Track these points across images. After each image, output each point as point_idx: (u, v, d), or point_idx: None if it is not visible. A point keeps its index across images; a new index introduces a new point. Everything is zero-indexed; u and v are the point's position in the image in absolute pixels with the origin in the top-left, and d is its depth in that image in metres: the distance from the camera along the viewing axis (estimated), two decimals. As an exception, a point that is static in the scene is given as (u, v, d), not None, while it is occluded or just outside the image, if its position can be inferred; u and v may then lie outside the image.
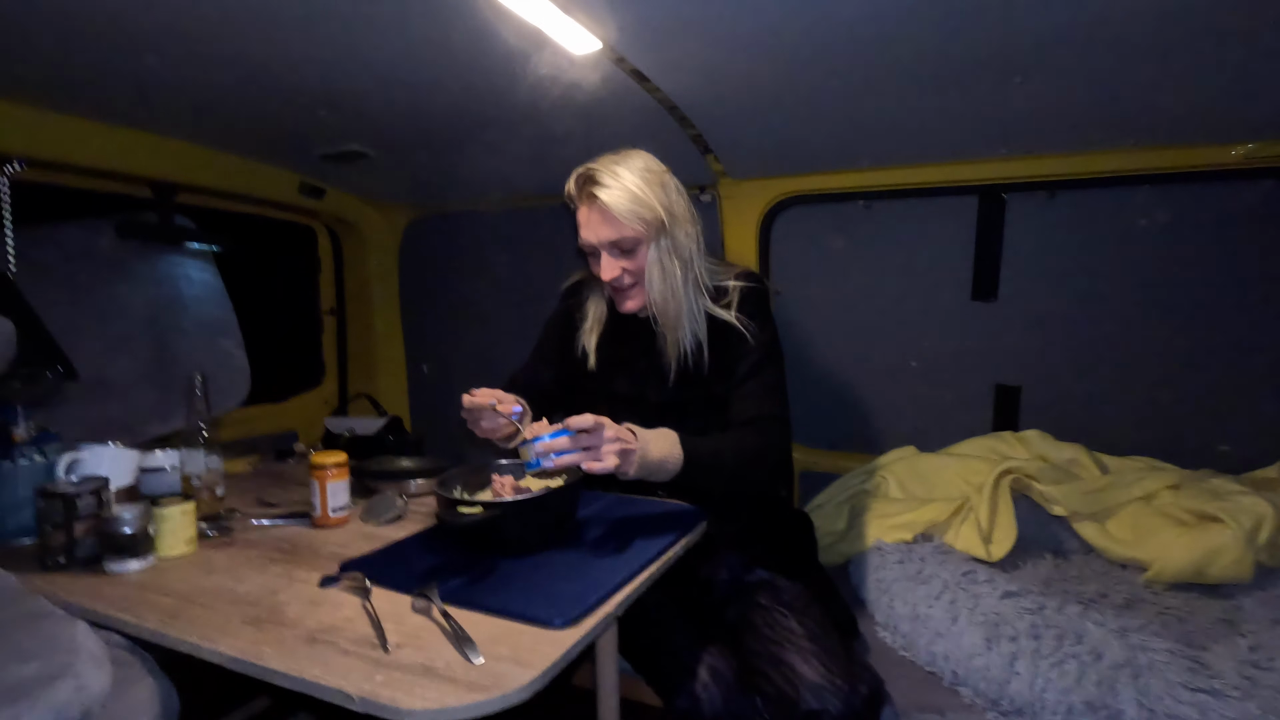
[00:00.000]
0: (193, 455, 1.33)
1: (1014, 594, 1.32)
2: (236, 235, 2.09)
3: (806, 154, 1.81)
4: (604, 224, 1.28)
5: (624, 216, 1.25)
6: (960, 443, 1.85)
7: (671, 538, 1.15)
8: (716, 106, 1.52)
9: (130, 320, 1.85)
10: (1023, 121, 1.52)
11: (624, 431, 1.11)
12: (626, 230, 1.27)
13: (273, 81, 1.42)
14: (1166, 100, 1.38)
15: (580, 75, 1.36)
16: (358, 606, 0.93)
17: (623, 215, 1.25)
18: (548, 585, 0.97)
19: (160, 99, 1.50)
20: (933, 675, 1.33)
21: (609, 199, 1.25)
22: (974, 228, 1.82)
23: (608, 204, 1.25)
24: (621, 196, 1.25)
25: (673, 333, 1.35)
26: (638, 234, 1.28)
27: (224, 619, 0.90)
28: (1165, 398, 1.71)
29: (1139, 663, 1.12)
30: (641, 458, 1.11)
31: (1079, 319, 1.77)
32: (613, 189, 1.25)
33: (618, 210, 1.25)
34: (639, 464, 1.11)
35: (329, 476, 1.25)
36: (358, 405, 2.66)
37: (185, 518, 1.14)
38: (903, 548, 1.58)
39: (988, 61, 1.26)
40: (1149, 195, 1.65)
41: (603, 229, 1.28)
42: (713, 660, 1.19)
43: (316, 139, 1.81)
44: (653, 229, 1.28)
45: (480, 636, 0.83)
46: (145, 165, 1.75)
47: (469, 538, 1.11)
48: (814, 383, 2.04)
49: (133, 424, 1.76)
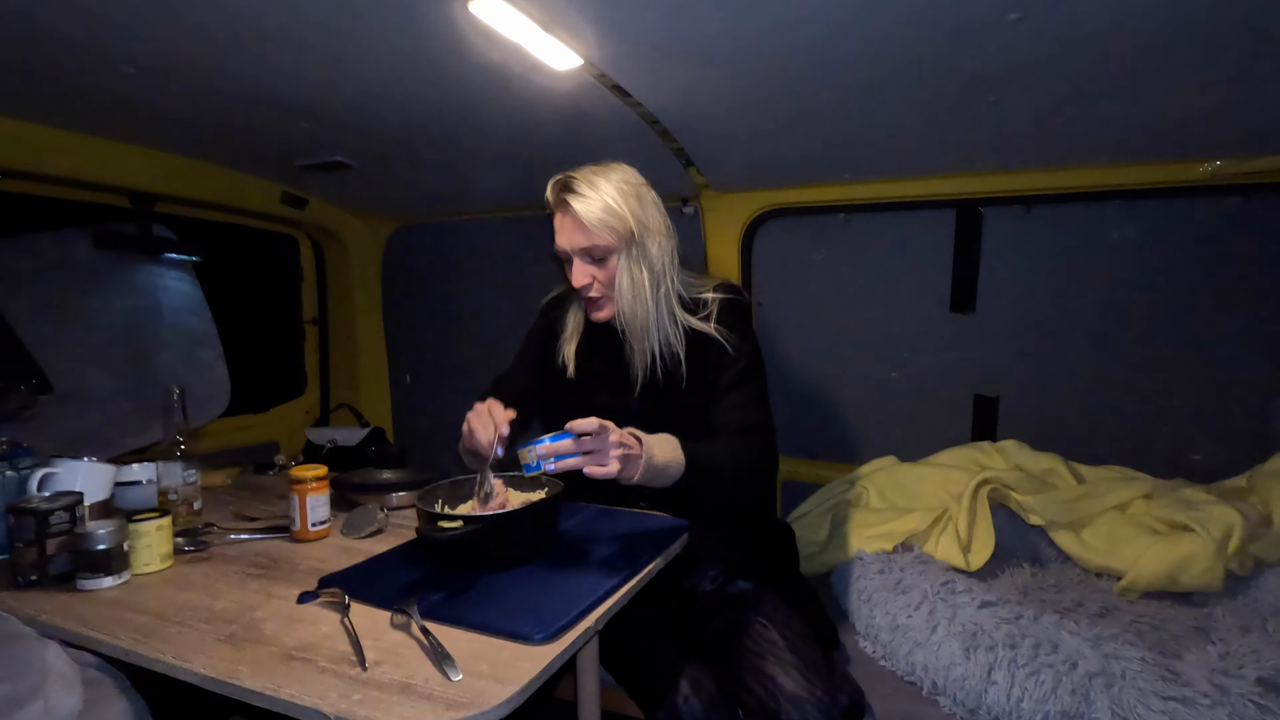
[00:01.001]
0: (170, 469, 1.32)
1: (991, 604, 1.33)
2: (217, 245, 2.08)
3: (787, 168, 1.83)
4: (576, 231, 1.30)
5: (594, 226, 1.27)
6: (940, 452, 1.88)
7: (653, 551, 1.15)
8: (698, 121, 1.53)
9: (107, 332, 1.82)
10: (999, 138, 1.55)
11: (628, 436, 1.11)
12: (596, 239, 1.28)
13: (253, 93, 1.41)
14: (1137, 119, 1.41)
15: (562, 90, 1.36)
16: (336, 623, 0.92)
17: (593, 224, 1.27)
18: (528, 600, 0.96)
19: (138, 109, 1.49)
20: (912, 685, 1.33)
21: (581, 208, 1.26)
22: (952, 240, 1.85)
23: (579, 213, 1.27)
24: (594, 206, 1.26)
25: (639, 342, 1.36)
26: (607, 243, 1.29)
27: (199, 637, 0.89)
28: (1138, 408, 1.75)
29: (1112, 671, 1.13)
30: (647, 462, 1.11)
31: (1055, 330, 1.81)
32: (587, 198, 1.27)
33: (588, 219, 1.26)
34: (644, 469, 1.11)
35: (309, 490, 1.24)
36: (340, 416, 2.64)
37: (161, 533, 1.12)
38: (883, 557, 1.60)
39: (964, 81, 1.28)
40: (1120, 210, 1.69)
41: (575, 236, 1.30)
42: (694, 672, 1.19)
43: (298, 150, 1.80)
44: (623, 240, 1.29)
45: (460, 653, 0.83)
46: (123, 175, 1.73)
47: (449, 552, 1.10)
48: (796, 393, 2.06)
49: (109, 437, 1.74)
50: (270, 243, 2.47)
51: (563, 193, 1.30)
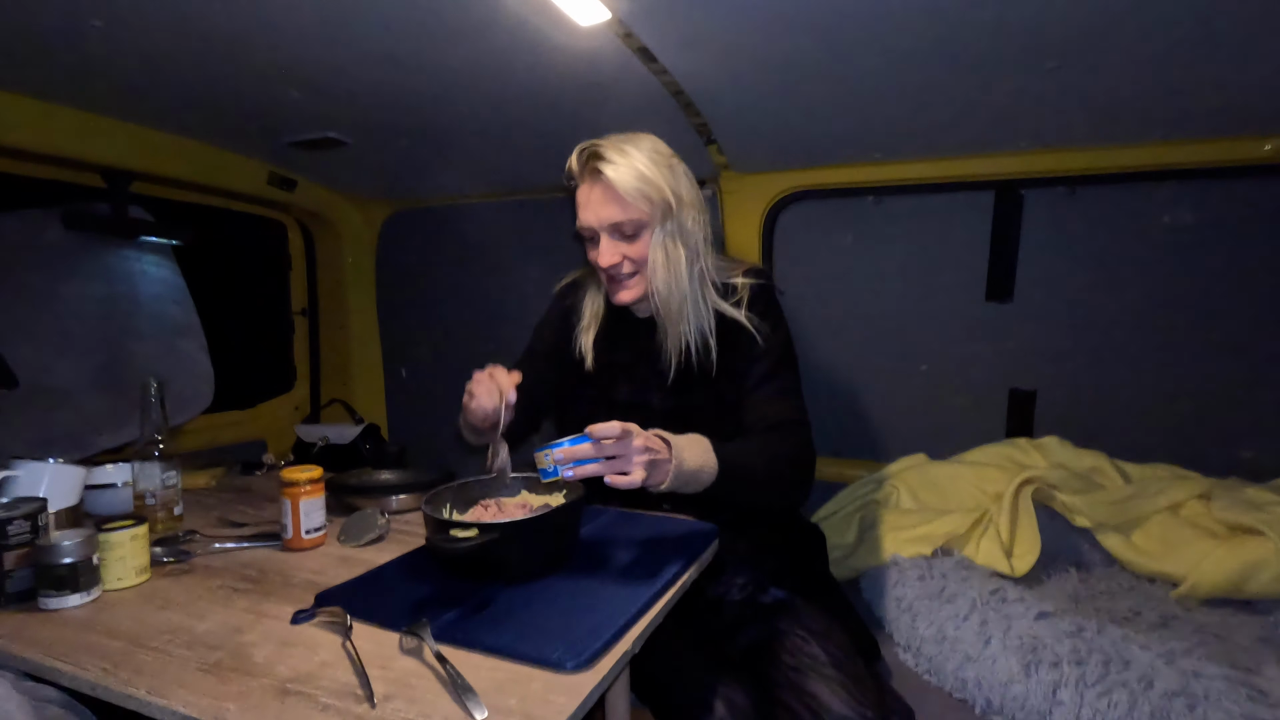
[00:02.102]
0: (147, 470, 1.21)
1: (1049, 614, 1.23)
2: (199, 229, 1.94)
3: (816, 146, 1.71)
4: (606, 203, 1.19)
5: (629, 195, 1.16)
6: (973, 450, 1.78)
7: (685, 559, 1.05)
8: (726, 90, 1.41)
9: (79, 320, 1.68)
10: (1046, 112, 1.44)
11: (654, 439, 1.00)
12: (631, 211, 1.18)
13: (237, 55, 1.28)
14: (1201, 92, 1.31)
15: (582, 51, 1.25)
16: (337, 647, 0.81)
17: (628, 193, 1.16)
18: (553, 619, 0.86)
19: (109, 74, 1.36)
20: (962, 703, 1.24)
21: (615, 175, 1.16)
22: (989, 225, 1.74)
23: (613, 180, 1.16)
24: (628, 174, 1.16)
25: (675, 326, 1.25)
26: (642, 216, 1.19)
27: (179, 666, 0.78)
28: (1187, 402, 1.65)
29: (1194, 691, 1.04)
30: (677, 468, 1.01)
31: (1098, 321, 1.71)
32: (619, 165, 1.16)
33: (623, 187, 1.16)
34: (674, 475, 1.01)
35: (302, 493, 1.13)
36: (331, 412, 2.52)
37: (136, 543, 1.01)
38: (922, 562, 1.50)
39: (1023, 44, 1.17)
40: (1174, 192, 1.59)
41: (605, 209, 1.20)
42: (729, 691, 1.08)
43: (286, 124, 1.66)
44: (658, 211, 1.19)
45: (481, 684, 0.72)
46: (95, 150, 1.59)
47: (461, 564, 0.99)
48: (819, 387, 1.95)
49: (81, 436, 1.61)
50: (256, 228, 2.34)
51: (592, 160, 1.19)
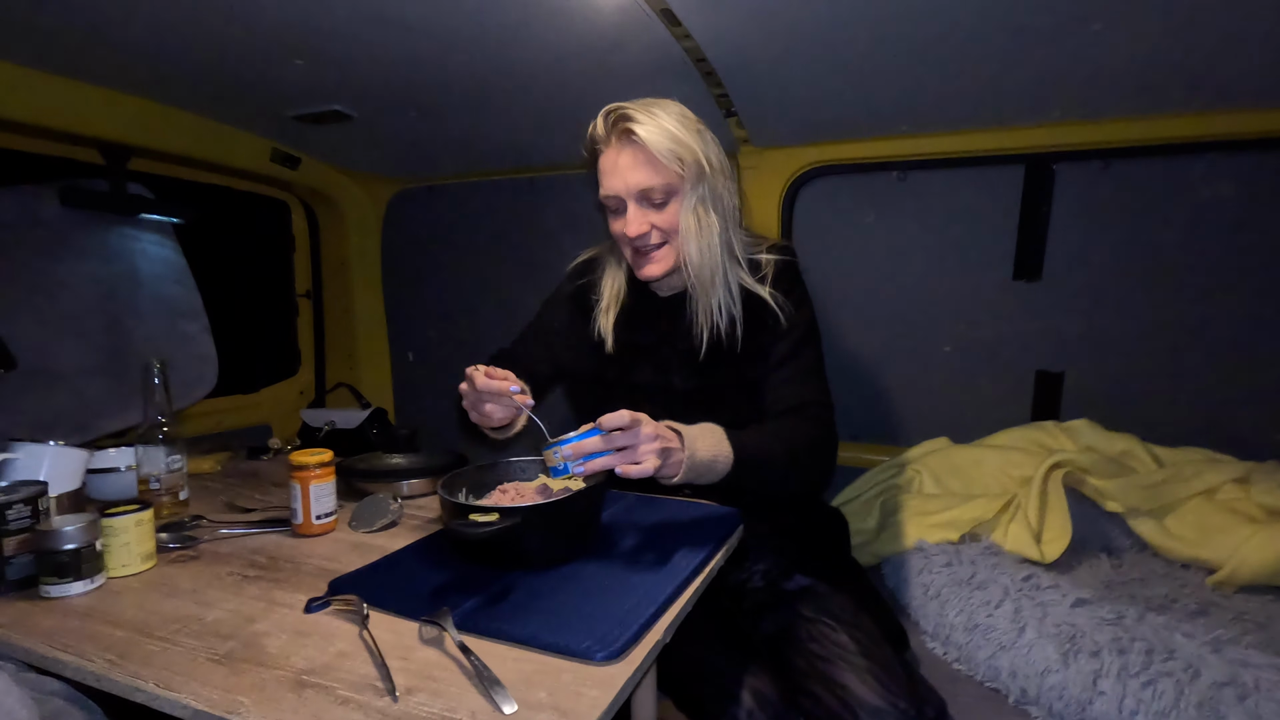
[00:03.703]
0: (151, 453, 1.17)
1: (1087, 601, 1.19)
2: (201, 208, 1.89)
3: (840, 118, 1.65)
4: (636, 167, 1.14)
5: (663, 155, 1.11)
6: (998, 433, 1.72)
7: (711, 544, 1.01)
8: (749, 56, 1.35)
9: (78, 300, 1.63)
10: (1083, 80, 1.37)
11: (664, 429, 0.97)
12: (663, 174, 1.14)
13: (236, 20, 1.22)
14: (1248, 55, 1.25)
15: (602, 12, 1.19)
16: (354, 637, 0.77)
17: (661, 154, 1.11)
18: (580, 607, 0.82)
19: (106, 42, 1.30)
20: (995, 692, 1.20)
21: (646, 135, 1.11)
22: (1019, 201, 1.68)
23: (645, 140, 1.11)
24: (659, 134, 1.11)
25: (706, 298, 1.21)
26: (673, 180, 1.14)
27: (188, 657, 0.74)
28: (1222, 384, 1.60)
29: (1244, 681, 0.99)
30: (690, 459, 0.99)
31: (1129, 301, 1.65)
32: (649, 125, 1.11)
33: (656, 147, 1.11)
34: (687, 466, 0.98)
35: (313, 478, 1.09)
36: (337, 396, 2.48)
37: (141, 529, 0.97)
38: (949, 549, 1.45)
39: (1065, 6, 1.11)
40: (1213, 164, 1.52)
41: (634, 173, 1.14)
42: (755, 681, 1.05)
43: (291, 96, 1.60)
44: (690, 175, 1.15)
45: (508, 675, 0.68)
46: (93, 124, 1.54)
47: (481, 550, 0.95)
48: (839, 369, 1.87)
49: (82, 418, 1.56)
50: (259, 207, 2.28)
51: (621, 122, 1.14)
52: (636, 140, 1.12)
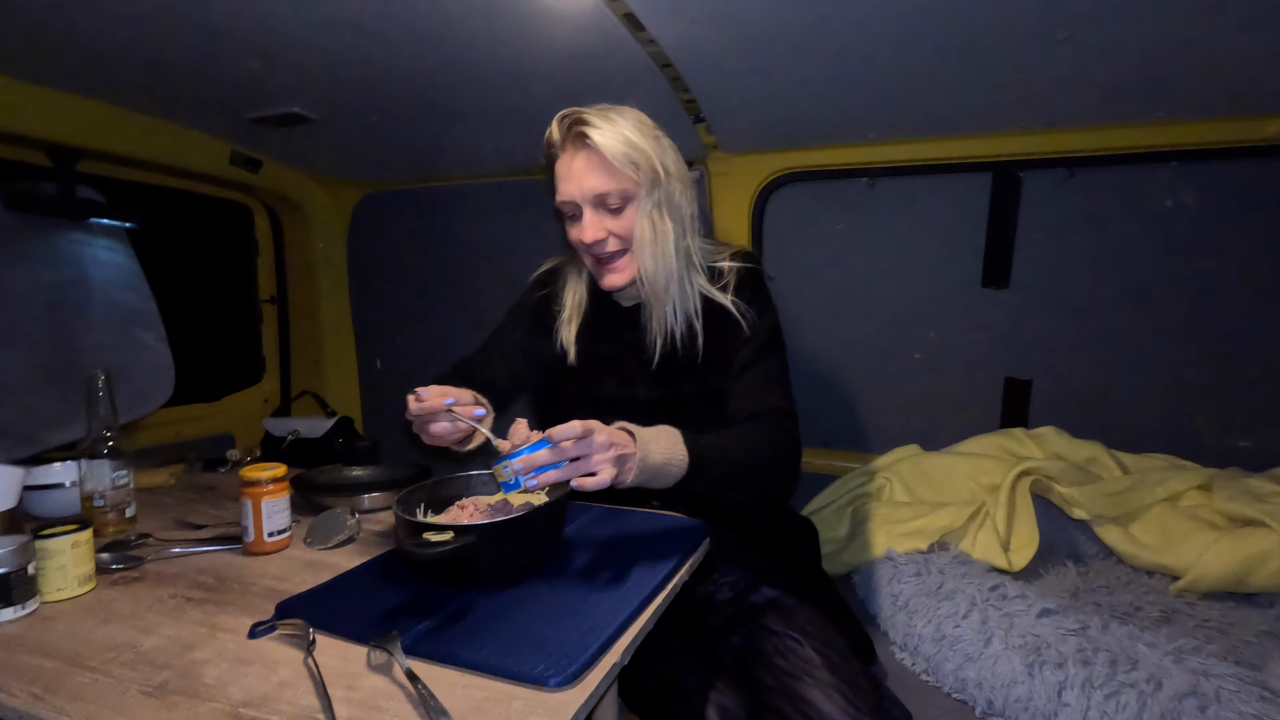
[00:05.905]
0: (96, 468, 1.13)
1: (1052, 611, 1.19)
2: (157, 211, 1.83)
3: (809, 125, 1.65)
4: (591, 172, 1.12)
5: (617, 160, 1.10)
6: (967, 440, 1.73)
7: (675, 559, 0.99)
8: (716, 63, 1.34)
9: (23, 308, 1.56)
10: (1048, 90, 1.38)
11: (617, 433, 0.94)
12: (618, 179, 1.12)
13: (190, 20, 1.18)
14: (1206, 68, 1.26)
15: (565, 17, 1.17)
16: (298, 664, 0.74)
17: (615, 158, 1.10)
18: (536, 629, 0.79)
19: (50, 40, 1.25)
20: (962, 704, 1.20)
21: (601, 140, 1.09)
22: (986, 208, 1.69)
23: (600, 145, 1.09)
24: (615, 139, 1.10)
25: (660, 306, 1.19)
26: (628, 185, 1.12)
27: (119, 689, 0.70)
28: (1185, 391, 1.61)
29: (1205, 691, 1.00)
30: (641, 461, 0.95)
31: (1096, 308, 1.66)
32: (605, 130, 1.10)
33: (610, 153, 1.09)
34: (638, 469, 0.95)
35: (265, 493, 1.05)
36: (302, 404, 2.42)
37: (79, 550, 0.92)
38: (918, 558, 1.45)
39: (1030, 17, 1.11)
40: (1176, 173, 1.54)
41: (589, 178, 1.12)
42: (721, 698, 1.03)
43: (247, 98, 1.56)
44: (646, 180, 1.13)
45: (457, 704, 0.65)
46: (38, 125, 1.48)
47: (436, 570, 0.92)
48: (808, 376, 1.89)
49: (29, 431, 1.50)
50: (220, 211, 2.22)
51: (576, 126, 1.12)
52: (591, 145, 1.10)
